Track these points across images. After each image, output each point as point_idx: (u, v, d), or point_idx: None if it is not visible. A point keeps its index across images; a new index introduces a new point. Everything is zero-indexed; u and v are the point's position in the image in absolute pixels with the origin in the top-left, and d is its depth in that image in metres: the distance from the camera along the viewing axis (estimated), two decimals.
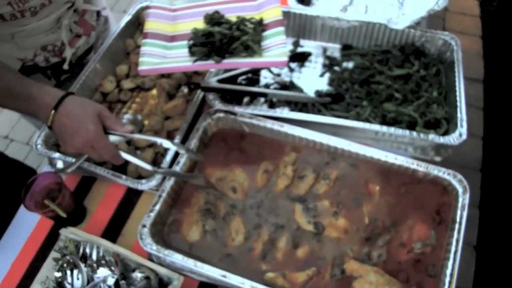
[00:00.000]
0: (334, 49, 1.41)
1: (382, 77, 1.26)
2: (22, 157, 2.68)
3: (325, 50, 1.41)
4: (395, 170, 1.10)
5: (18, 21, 1.21)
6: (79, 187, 1.20)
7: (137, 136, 1.02)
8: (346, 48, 1.39)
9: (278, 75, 1.37)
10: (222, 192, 1.11)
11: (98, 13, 1.50)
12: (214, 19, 1.16)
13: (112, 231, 1.11)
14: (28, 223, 1.14)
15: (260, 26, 1.14)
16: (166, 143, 1.03)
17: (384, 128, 1.11)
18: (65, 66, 1.42)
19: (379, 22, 1.32)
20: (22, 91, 1.00)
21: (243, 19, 1.14)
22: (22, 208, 1.17)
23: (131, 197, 1.17)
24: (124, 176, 1.11)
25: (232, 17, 1.16)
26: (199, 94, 1.26)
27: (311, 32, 1.43)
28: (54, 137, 1.22)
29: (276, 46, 1.09)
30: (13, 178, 1.28)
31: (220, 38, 1.09)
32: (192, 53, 1.10)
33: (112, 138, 0.99)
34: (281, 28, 1.12)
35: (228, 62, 1.08)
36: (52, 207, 1.01)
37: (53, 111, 0.97)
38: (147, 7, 1.46)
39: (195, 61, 1.09)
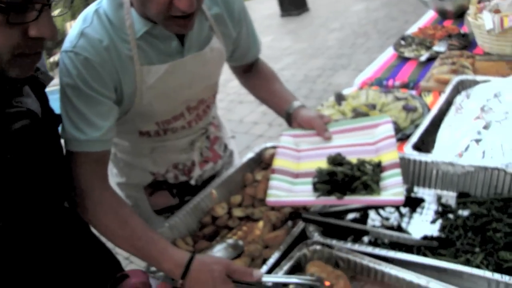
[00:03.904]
0: (449, 197, 1.33)
1: (500, 224, 1.13)
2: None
3: (439, 197, 1.34)
4: None
5: (159, 138, 1.43)
6: None
7: (268, 278, 1.04)
8: (463, 196, 1.30)
9: (387, 218, 1.32)
10: None
11: (226, 146, 1.67)
12: (336, 160, 1.27)
13: None
14: None
15: (379, 167, 1.22)
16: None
17: (496, 276, 0.96)
18: (192, 182, 1.56)
19: (497, 167, 1.24)
20: (145, 248, 1.09)
21: (363, 161, 1.24)
22: None
23: None
24: None
25: (352, 159, 1.26)
26: (299, 225, 1.28)
27: (425, 180, 1.38)
28: None
29: (393, 186, 1.14)
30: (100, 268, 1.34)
31: (343, 178, 1.18)
32: (316, 189, 1.20)
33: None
34: (398, 170, 1.18)
35: (349, 199, 1.15)
36: None
37: (181, 281, 1.03)
38: (271, 147, 1.60)
39: (318, 196, 1.18)
